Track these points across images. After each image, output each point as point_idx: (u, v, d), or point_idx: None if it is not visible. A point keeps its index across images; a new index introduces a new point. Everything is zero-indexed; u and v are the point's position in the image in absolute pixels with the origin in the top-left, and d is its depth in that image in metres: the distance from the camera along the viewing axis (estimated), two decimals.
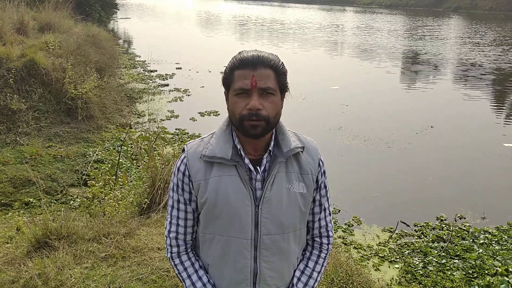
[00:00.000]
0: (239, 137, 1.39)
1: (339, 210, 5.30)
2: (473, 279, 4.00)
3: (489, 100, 11.10)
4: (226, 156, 1.34)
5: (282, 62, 1.36)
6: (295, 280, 1.47)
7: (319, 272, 1.51)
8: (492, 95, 11.70)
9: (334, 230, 4.89)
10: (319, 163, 1.46)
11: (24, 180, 5.26)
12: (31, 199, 4.98)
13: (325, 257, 1.53)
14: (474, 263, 4.24)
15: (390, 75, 13.63)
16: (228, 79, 1.34)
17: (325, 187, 1.50)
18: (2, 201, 4.87)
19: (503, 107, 10.66)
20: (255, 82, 1.27)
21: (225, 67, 1.38)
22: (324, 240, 1.53)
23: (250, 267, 1.38)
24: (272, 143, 1.40)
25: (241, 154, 1.37)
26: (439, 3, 54.88)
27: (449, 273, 4.10)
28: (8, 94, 6.63)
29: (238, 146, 1.37)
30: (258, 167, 1.37)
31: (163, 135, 5.13)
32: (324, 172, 1.48)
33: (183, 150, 1.44)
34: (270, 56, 1.33)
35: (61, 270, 2.59)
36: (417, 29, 26.87)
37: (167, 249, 1.48)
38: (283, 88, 1.37)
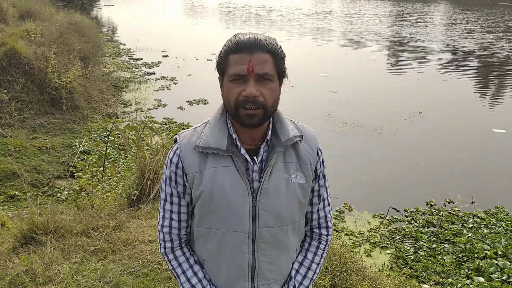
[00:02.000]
0: (234, 126, 1.32)
1: (330, 197, 5.29)
2: (463, 263, 4.05)
3: (476, 86, 11.19)
4: (221, 147, 1.27)
5: (280, 46, 1.29)
6: (293, 272, 1.43)
7: (318, 264, 1.46)
8: (479, 81, 11.79)
9: None
10: (317, 152, 1.40)
11: (8, 173, 5.13)
12: (16, 192, 4.87)
13: (324, 248, 1.48)
14: (463, 247, 4.29)
15: (378, 62, 13.63)
16: (222, 64, 1.26)
17: (324, 177, 1.45)
18: None
19: (490, 93, 10.76)
20: (252, 68, 1.19)
21: (219, 51, 1.29)
22: (323, 231, 1.48)
23: (248, 262, 1.33)
24: (270, 132, 1.33)
25: (236, 144, 1.30)
26: None
27: (439, 257, 4.15)
28: None
29: (234, 136, 1.30)
30: (255, 157, 1.31)
31: (151, 125, 5.03)
32: (323, 161, 1.43)
33: (175, 141, 1.36)
34: (267, 39, 1.25)
35: (49, 265, 2.52)
36: (404, 15, 26.89)
37: (160, 244, 1.42)
38: (281, 73, 1.29)
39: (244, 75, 1.21)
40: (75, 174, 4.19)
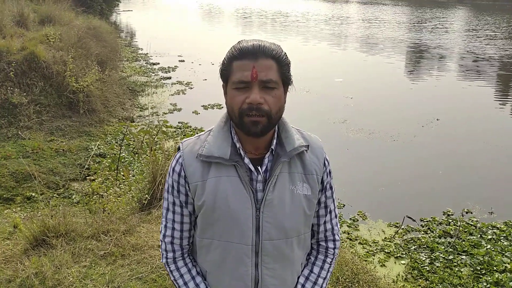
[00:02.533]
0: (238, 135, 1.28)
1: (344, 205, 5.22)
2: (481, 276, 3.92)
3: (497, 93, 10.94)
4: (224, 156, 1.24)
5: (285, 53, 1.25)
6: (299, 286, 1.38)
7: (324, 278, 1.41)
8: (500, 88, 11.53)
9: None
10: (324, 163, 1.36)
11: (26, 175, 5.21)
12: (33, 194, 4.93)
13: (331, 262, 1.43)
14: (482, 259, 4.16)
15: (395, 68, 13.46)
16: (226, 71, 1.24)
17: (331, 188, 1.40)
18: (4, 196, 4.82)
19: (510, 99, 10.50)
20: (255, 74, 1.16)
21: (223, 58, 1.27)
22: (330, 244, 1.43)
23: (251, 275, 1.29)
24: (275, 141, 1.29)
25: (240, 153, 1.26)
26: None
27: (456, 269, 4.03)
28: (9, 88, 6.57)
29: (237, 145, 1.27)
30: (259, 167, 1.27)
31: (164, 129, 5.05)
32: (329, 172, 1.38)
33: (179, 149, 1.34)
34: (272, 45, 1.22)
35: (58, 269, 2.53)
36: (423, 20, 26.57)
37: (162, 254, 1.39)
38: (286, 80, 1.25)
39: (248, 82, 1.18)
40: (87, 177, 4.22)
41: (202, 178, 1.26)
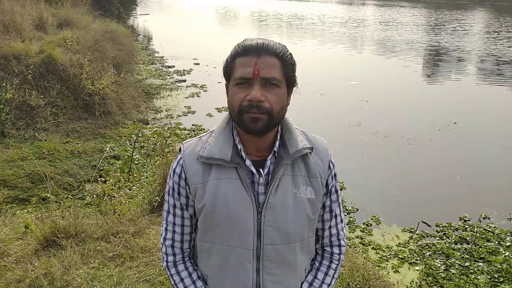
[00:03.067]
0: (240, 136, 1.25)
1: (357, 209, 5.14)
2: (499, 284, 3.81)
3: None
4: (225, 157, 1.21)
5: (291, 53, 1.22)
6: None
7: (329, 285, 1.37)
8: None
9: (352, 230, 4.74)
10: (329, 165, 1.31)
11: (41, 176, 5.29)
12: (47, 195, 5.00)
13: (336, 268, 1.39)
14: (500, 266, 4.04)
15: (411, 70, 13.27)
16: (228, 68, 1.21)
17: (336, 191, 1.35)
18: (20, 197, 4.90)
19: None
20: (257, 71, 1.13)
21: (227, 57, 1.24)
22: (335, 250, 1.39)
23: (252, 280, 1.25)
24: (277, 142, 1.25)
25: (242, 155, 1.23)
26: None
27: (473, 276, 3.92)
28: (27, 90, 6.70)
29: (239, 146, 1.23)
30: (261, 170, 1.23)
31: (177, 131, 5.07)
32: (335, 175, 1.33)
33: (180, 150, 1.31)
34: (276, 44, 1.19)
35: (67, 270, 2.54)
36: (441, 22, 26.17)
37: (163, 257, 1.37)
38: (290, 80, 1.21)
39: (249, 79, 1.15)
40: (99, 179, 4.25)
41: (203, 180, 1.23)
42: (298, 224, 1.25)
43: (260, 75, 1.14)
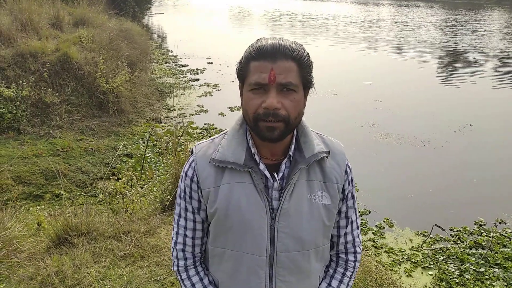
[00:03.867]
0: (254, 139, 1.21)
1: (370, 211, 5.08)
2: None
3: None
4: (238, 161, 1.17)
5: (308, 53, 1.16)
6: None
7: None
8: None
9: (364, 232, 4.68)
10: (346, 170, 1.27)
11: (55, 173, 5.36)
12: (61, 192, 5.05)
13: (351, 276, 1.35)
14: None
15: (427, 71, 13.09)
16: (242, 71, 1.15)
17: (353, 197, 1.31)
18: (34, 193, 4.97)
19: None
20: (273, 76, 1.08)
21: (240, 57, 1.19)
22: (351, 257, 1.35)
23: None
24: (293, 146, 1.21)
25: (255, 159, 1.19)
26: None
27: (488, 283, 3.84)
28: (43, 88, 6.78)
29: (253, 150, 1.19)
30: (275, 174, 1.19)
31: (189, 130, 5.07)
32: (351, 180, 1.29)
33: (192, 152, 1.28)
34: (293, 45, 1.13)
35: (78, 268, 2.55)
36: (458, 23, 25.78)
37: (174, 261, 1.34)
38: (306, 83, 1.16)
39: (265, 84, 1.10)
40: (111, 177, 4.27)
41: (215, 184, 1.20)
42: (313, 231, 1.21)
43: (277, 80, 1.09)
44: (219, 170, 1.20)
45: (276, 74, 1.09)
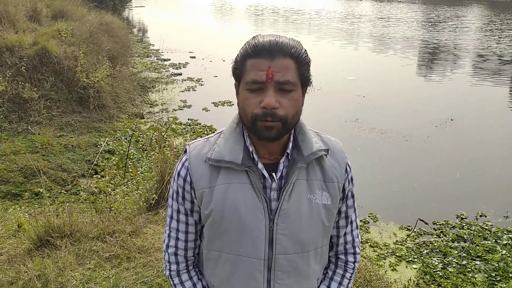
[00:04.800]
0: (251, 138, 1.17)
1: None
2: (496, 283, 3.81)
3: (510, 93, 10.68)
4: (236, 160, 1.12)
5: (305, 50, 1.13)
6: None
7: None
8: None
9: None
10: (346, 169, 1.24)
11: (34, 170, 5.21)
12: (41, 190, 4.92)
13: (350, 277, 1.32)
14: (497, 265, 4.04)
15: (408, 66, 13.25)
16: (239, 70, 1.12)
17: (353, 196, 1.28)
18: (12, 192, 4.83)
19: None
20: (271, 74, 1.05)
21: (236, 55, 1.15)
22: (350, 258, 1.32)
23: None
24: (291, 145, 1.18)
25: (253, 158, 1.15)
26: None
27: (470, 275, 3.91)
28: (20, 83, 6.58)
29: (250, 148, 1.16)
30: (273, 173, 1.16)
31: (174, 126, 4.99)
32: (351, 178, 1.26)
33: (185, 151, 1.23)
34: (290, 42, 1.10)
35: (62, 271, 2.47)
36: (438, 19, 26.15)
37: (166, 266, 1.29)
38: (305, 81, 1.14)
39: (262, 83, 1.06)
40: (95, 175, 4.17)
41: (210, 184, 1.15)
42: (313, 232, 1.18)
43: (274, 79, 1.06)
44: (214, 169, 1.16)
45: (273, 72, 1.05)
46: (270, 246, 1.15)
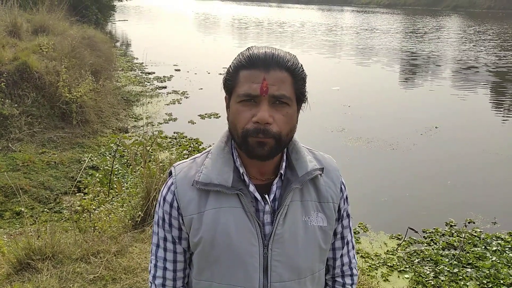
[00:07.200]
0: (241, 157, 1.10)
1: None
2: None
3: (491, 100, 10.91)
4: (225, 183, 1.05)
5: (301, 64, 1.07)
6: None
7: None
8: (493, 94, 11.51)
9: None
10: (341, 188, 1.18)
11: (15, 189, 5.04)
12: (22, 209, 4.75)
13: None
14: (488, 272, 4.03)
15: (391, 75, 13.45)
16: (230, 81, 1.05)
17: (348, 216, 1.23)
18: None
19: (506, 106, 10.45)
20: (266, 87, 0.98)
21: (228, 66, 1.09)
22: (348, 280, 1.26)
23: None
24: (284, 164, 1.11)
25: (244, 180, 1.08)
26: (438, 2, 54.65)
27: (462, 283, 3.90)
28: (0, 99, 6.41)
29: (241, 170, 1.08)
30: (266, 196, 1.08)
31: (159, 140, 4.91)
32: (346, 197, 1.21)
33: (170, 174, 1.15)
34: (287, 55, 1.04)
35: None
36: (417, 28, 26.70)
37: None
38: (300, 97, 1.07)
39: (256, 96, 0.99)
40: (78, 193, 4.05)
41: (199, 210, 1.07)
42: (310, 257, 1.11)
43: (269, 92, 0.99)
44: (203, 193, 1.08)
45: (268, 85, 0.99)
46: (264, 274, 1.07)
